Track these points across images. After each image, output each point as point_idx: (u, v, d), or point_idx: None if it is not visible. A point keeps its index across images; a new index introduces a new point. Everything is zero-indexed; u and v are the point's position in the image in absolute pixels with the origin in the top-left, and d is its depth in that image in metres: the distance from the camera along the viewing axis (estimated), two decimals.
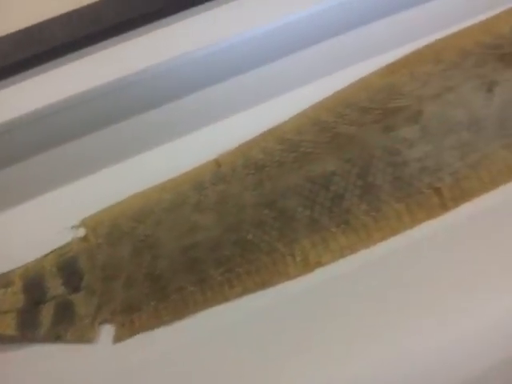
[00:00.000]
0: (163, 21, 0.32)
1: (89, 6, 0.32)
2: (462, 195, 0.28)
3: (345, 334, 0.25)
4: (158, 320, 0.27)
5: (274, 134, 0.31)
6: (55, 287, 0.27)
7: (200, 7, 0.33)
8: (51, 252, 0.28)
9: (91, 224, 0.29)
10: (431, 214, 0.27)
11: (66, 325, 0.27)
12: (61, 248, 0.28)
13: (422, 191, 0.28)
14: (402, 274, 0.26)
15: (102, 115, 0.31)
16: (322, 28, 0.34)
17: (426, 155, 0.28)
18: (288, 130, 0.31)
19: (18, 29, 0.32)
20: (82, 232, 0.29)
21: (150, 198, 0.30)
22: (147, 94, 0.32)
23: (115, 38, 0.32)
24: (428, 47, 0.33)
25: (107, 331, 0.27)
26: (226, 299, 0.27)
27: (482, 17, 0.33)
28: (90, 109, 0.31)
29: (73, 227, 0.28)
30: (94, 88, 0.30)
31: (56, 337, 0.27)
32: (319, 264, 0.27)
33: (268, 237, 0.28)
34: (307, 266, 0.27)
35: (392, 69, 0.32)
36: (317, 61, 0.34)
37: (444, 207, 0.28)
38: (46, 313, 0.27)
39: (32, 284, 0.27)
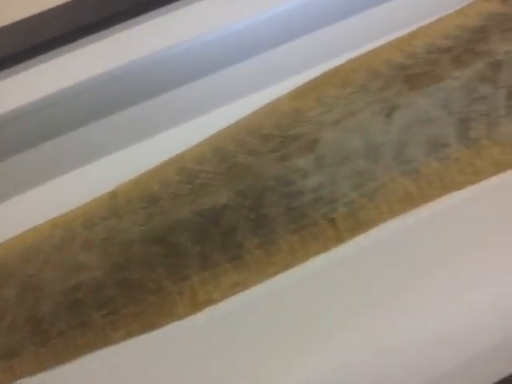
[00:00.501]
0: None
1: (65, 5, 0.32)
2: (359, 226, 0.27)
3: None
4: (39, 365, 0.26)
5: (176, 164, 0.31)
6: None
7: None
8: None
9: None
10: (326, 245, 0.27)
11: None
12: None
13: (316, 222, 0.27)
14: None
15: None
16: (229, 54, 0.34)
17: (321, 185, 0.28)
18: (189, 159, 0.30)
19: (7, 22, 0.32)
20: None
21: (42, 234, 0.29)
22: None
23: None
24: (339, 68, 0.33)
25: None
26: (110, 342, 0.26)
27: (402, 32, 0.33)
28: None
29: None
30: None
31: None
32: (210, 302, 0.27)
33: (156, 275, 0.27)
34: (197, 305, 0.27)
35: (301, 92, 0.32)
36: (225, 85, 0.34)
37: (339, 238, 0.27)
38: None
39: None
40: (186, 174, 0.30)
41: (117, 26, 0.33)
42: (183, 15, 0.34)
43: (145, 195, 0.29)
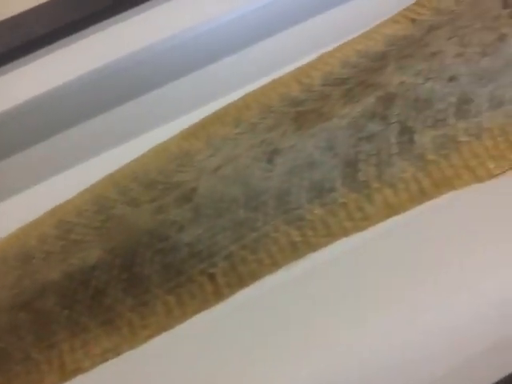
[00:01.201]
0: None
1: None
2: (240, 280, 0.27)
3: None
4: None
5: (56, 215, 0.30)
6: None
7: None
8: None
9: None
10: (205, 303, 0.27)
11: None
12: None
13: (194, 279, 0.27)
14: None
15: None
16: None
17: (198, 239, 0.27)
18: (70, 210, 0.30)
19: None
20: None
21: None
22: None
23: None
24: (234, 103, 0.33)
25: None
26: None
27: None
28: None
29: None
30: None
31: None
32: (79, 371, 0.26)
33: (22, 343, 0.26)
34: (66, 375, 0.26)
35: (192, 131, 0.32)
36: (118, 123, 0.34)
37: (219, 295, 0.27)
38: None
39: None
40: (63, 227, 0.29)
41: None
42: None
43: (20, 253, 0.29)
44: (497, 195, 0.28)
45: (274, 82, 0.34)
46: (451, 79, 0.29)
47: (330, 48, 0.34)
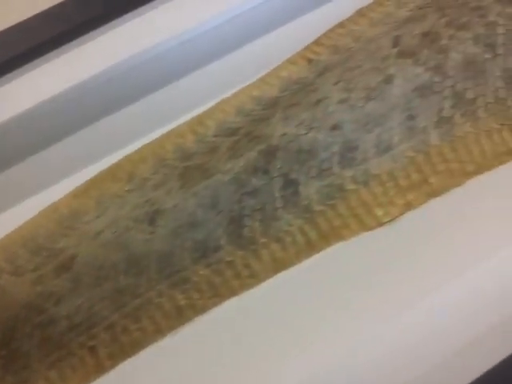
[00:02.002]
0: None
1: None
2: (123, 351, 0.27)
3: None
4: None
5: None
6: None
7: None
8: None
9: None
10: (87, 376, 0.27)
11: None
12: None
13: (74, 352, 0.27)
14: None
15: None
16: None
17: (77, 310, 0.28)
18: None
19: None
20: None
21: None
22: None
23: None
24: (129, 156, 0.33)
25: None
26: None
27: None
28: None
29: None
30: None
31: None
32: None
33: None
34: None
35: (84, 188, 0.32)
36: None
37: (101, 367, 0.27)
38: None
39: None
40: None
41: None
42: None
43: None
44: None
45: (171, 131, 0.34)
46: (334, 127, 0.30)
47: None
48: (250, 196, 0.29)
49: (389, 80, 0.31)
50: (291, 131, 0.30)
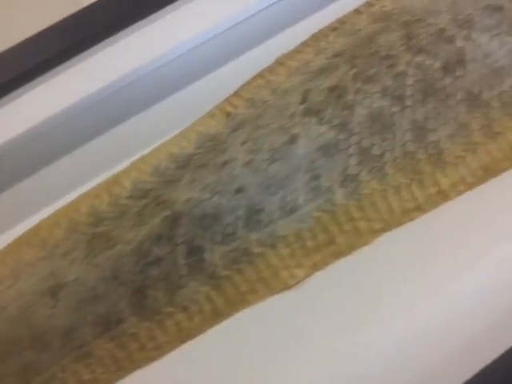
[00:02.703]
0: None
1: None
2: None
3: None
4: None
5: None
6: None
7: None
8: None
9: None
10: None
11: None
12: None
13: None
14: None
15: None
16: None
17: None
18: None
19: None
20: None
21: None
22: None
23: None
24: (45, 220, 0.34)
25: None
26: None
27: None
28: None
29: None
30: None
31: None
32: None
33: None
34: None
35: (3, 255, 0.33)
36: None
37: None
38: None
39: None
40: None
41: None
42: None
43: None
44: None
45: (89, 191, 0.35)
46: (239, 191, 0.31)
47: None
48: (152, 266, 0.30)
49: (293, 140, 0.32)
50: (195, 196, 0.31)
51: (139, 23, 0.38)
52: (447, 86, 0.33)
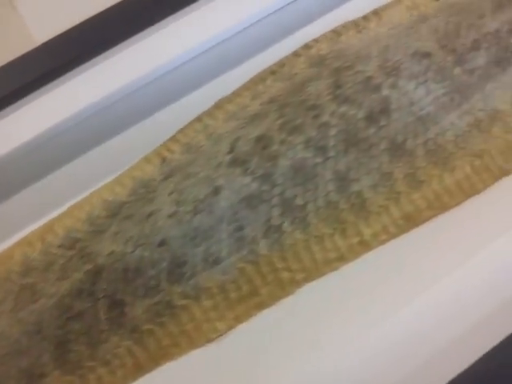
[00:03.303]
0: None
1: None
2: None
3: None
4: None
5: None
6: None
7: None
8: None
9: None
10: None
11: None
12: None
13: None
14: None
15: None
16: None
17: None
18: None
19: None
20: None
21: None
22: None
23: None
24: None
25: None
26: None
27: None
28: None
29: None
30: None
31: None
32: None
33: None
34: None
35: None
36: None
37: None
38: None
39: None
40: None
41: None
42: None
43: None
44: None
45: (23, 238, 0.36)
46: (162, 243, 0.32)
47: None
48: (74, 320, 0.31)
49: (217, 192, 0.33)
50: (118, 249, 0.32)
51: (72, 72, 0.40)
52: (370, 135, 0.34)
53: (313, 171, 0.33)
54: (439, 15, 0.40)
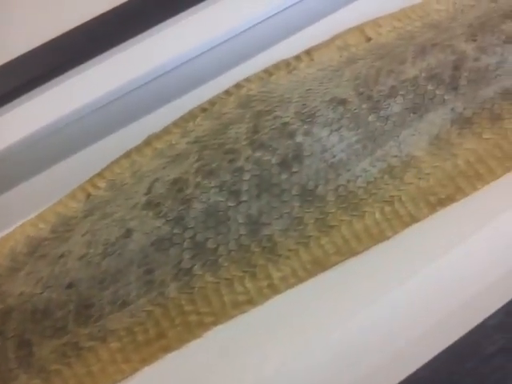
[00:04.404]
0: None
1: None
2: None
3: None
4: None
5: None
6: None
7: None
8: None
9: None
10: None
11: None
12: None
13: None
14: None
15: None
16: None
17: None
18: None
19: None
20: None
21: None
22: None
23: None
24: None
25: None
26: None
27: None
28: None
29: None
30: None
31: None
32: None
33: None
34: None
35: None
36: None
37: None
38: None
39: None
40: None
41: None
42: None
43: None
44: None
45: None
46: (70, 285, 0.34)
47: None
48: None
49: (128, 234, 0.35)
50: (28, 290, 0.34)
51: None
52: (283, 181, 0.36)
53: (225, 215, 0.36)
54: (367, 57, 0.43)
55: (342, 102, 0.39)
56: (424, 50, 0.42)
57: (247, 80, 0.44)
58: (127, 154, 0.41)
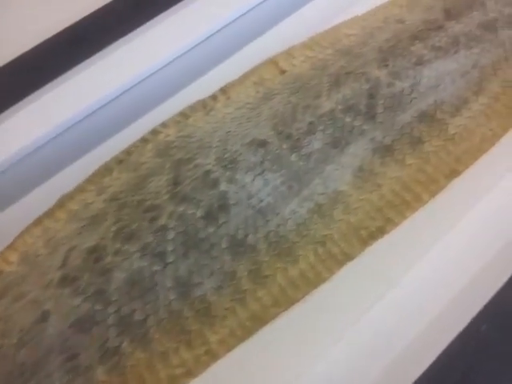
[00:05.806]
0: None
1: None
2: None
3: None
4: None
5: None
6: None
7: None
8: None
9: None
10: None
11: None
12: None
13: None
14: None
15: None
16: None
17: None
18: None
19: None
20: None
21: None
22: None
23: None
24: None
25: None
26: None
27: None
28: None
29: None
30: None
31: None
32: None
33: None
34: None
35: None
36: None
37: None
38: None
39: None
40: None
41: None
42: None
43: None
44: None
45: None
46: None
47: None
48: None
49: (44, 318, 0.28)
50: None
51: None
52: (210, 235, 0.31)
53: (151, 281, 0.29)
54: (283, 92, 0.38)
55: (262, 143, 0.34)
56: (338, 80, 0.37)
57: (164, 125, 0.38)
58: (38, 221, 0.33)
